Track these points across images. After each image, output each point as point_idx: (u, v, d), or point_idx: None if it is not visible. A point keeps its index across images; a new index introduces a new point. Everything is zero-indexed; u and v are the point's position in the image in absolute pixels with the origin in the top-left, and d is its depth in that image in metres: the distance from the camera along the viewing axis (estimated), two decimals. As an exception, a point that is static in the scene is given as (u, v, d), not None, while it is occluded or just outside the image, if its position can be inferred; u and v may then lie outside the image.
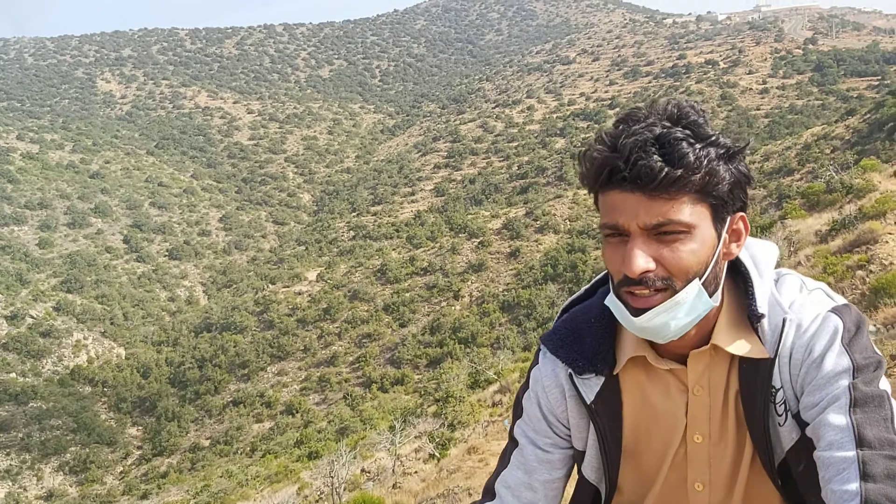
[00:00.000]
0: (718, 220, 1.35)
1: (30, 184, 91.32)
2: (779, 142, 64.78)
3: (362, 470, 16.72)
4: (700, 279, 1.34)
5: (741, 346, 1.44)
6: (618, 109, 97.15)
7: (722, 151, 1.32)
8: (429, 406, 21.51)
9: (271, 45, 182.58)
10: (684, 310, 1.35)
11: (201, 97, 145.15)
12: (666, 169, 1.26)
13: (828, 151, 51.90)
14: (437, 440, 14.62)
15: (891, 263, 9.64)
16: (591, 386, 1.56)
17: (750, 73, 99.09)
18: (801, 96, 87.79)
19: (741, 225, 1.41)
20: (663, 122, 1.32)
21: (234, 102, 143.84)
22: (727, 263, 1.45)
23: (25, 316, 65.87)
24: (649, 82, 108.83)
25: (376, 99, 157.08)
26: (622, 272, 1.34)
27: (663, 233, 1.31)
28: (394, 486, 13.42)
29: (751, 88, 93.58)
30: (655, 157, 1.27)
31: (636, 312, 1.35)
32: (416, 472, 13.98)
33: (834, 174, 17.85)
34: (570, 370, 1.58)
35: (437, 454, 14.02)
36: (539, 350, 1.68)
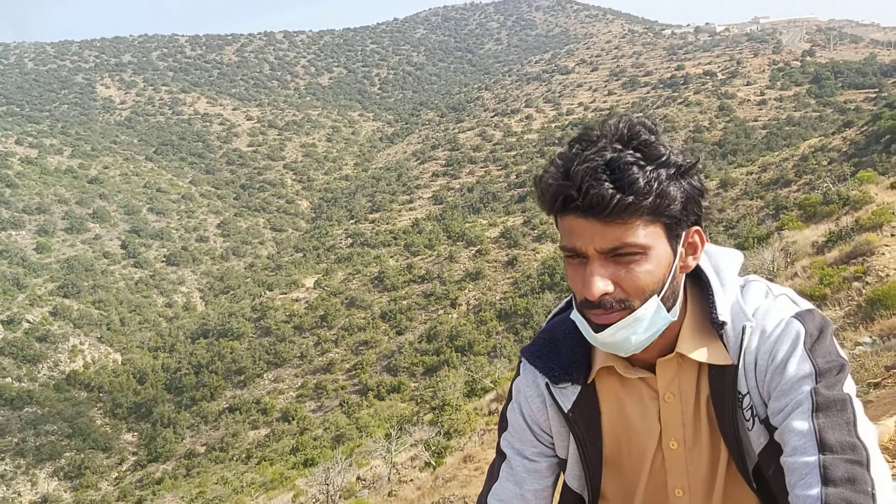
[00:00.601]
0: (673, 237, 1.38)
1: (28, 188, 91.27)
2: (776, 153, 64.93)
3: (358, 478, 16.71)
4: (658, 295, 1.38)
5: (704, 353, 1.47)
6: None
7: (672, 171, 1.33)
8: (425, 414, 21.50)
9: (271, 53, 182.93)
10: (643, 325, 1.39)
11: (201, 103, 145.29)
12: (617, 196, 1.28)
13: (825, 163, 52.05)
14: (433, 448, 14.61)
15: (887, 275, 9.68)
16: (568, 395, 1.60)
17: (748, 84, 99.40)
18: (798, 108, 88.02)
19: (697, 238, 1.42)
20: (614, 145, 1.33)
21: (234, 109, 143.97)
22: (689, 272, 1.49)
23: (22, 320, 65.75)
24: (647, 92, 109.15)
25: (375, 107, 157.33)
26: (583, 294, 1.38)
27: (620, 255, 1.34)
28: (389, 494, 13.41)
29: (749, 100, 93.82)
30: (606, 184, 1.29)
31: (598, 328, 1.40)
32: (411, 480, 13.97)
33: (831, 186, 17.93)
34: (546, 380, 1.62)
35: (432, 462, 14.01)
36: (520, 362, 1.72)
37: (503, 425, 1.72)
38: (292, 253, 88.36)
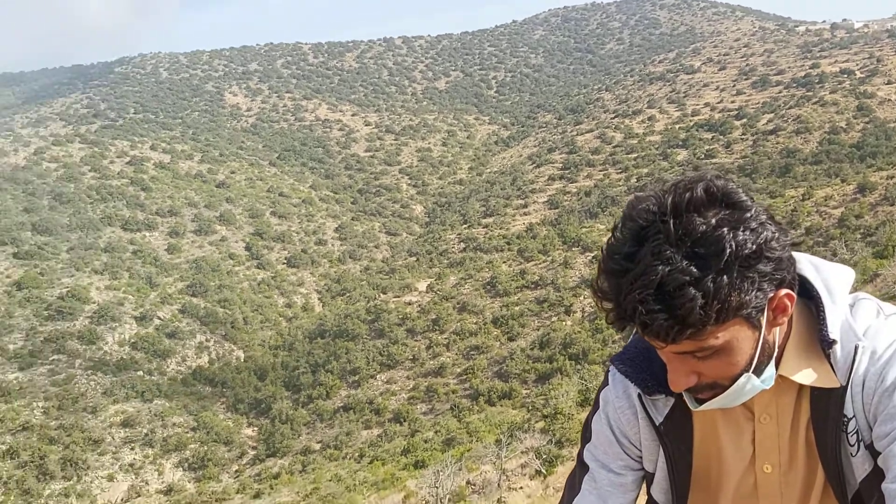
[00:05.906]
0: (755, 317, 1.29)
1: (161, 192, 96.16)
2: (921, 155, 60.38)
3: (467, 482, 16.30)
4: (749, 371, 1.33)
5: (808, 375, 1.40)
6: (745, 120, 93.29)
7: (739, 267, 1.21)
8: (536, 422, 20.84)
9: (390, 58, 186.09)
10: (738, 396, 1.36)
11: (322, 110, 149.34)
12: (676, 328, 1.22)
13: (979, 164, 47.90)
14: (544, 456, 14.01)
15: None
16: (661, 407, 1.56)
17: (889, 83, 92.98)
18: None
19: (785, 300, 1.32)
20: (665, 252, 1.20)
21: (353, 115, 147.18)
22: (799, 287, 1.39)
23: (153, 317, 69.10)
24: (779, 92, 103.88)
25: (491, 110, 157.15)
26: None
27: (697, 355, 1.31)
28: (498, 501, 12.96)
29: (890, 99, 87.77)
30: (661, 315, 1.20)
31: (698, 402, 1.40)
32: (521, 487, 13.44)
33: None
34: (639, 390, 1.57)
35: (543, 471, 13.41)
36: (608, 371, 1.65)
37: (587, 436, 1.64)
38: (406, 257, 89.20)
